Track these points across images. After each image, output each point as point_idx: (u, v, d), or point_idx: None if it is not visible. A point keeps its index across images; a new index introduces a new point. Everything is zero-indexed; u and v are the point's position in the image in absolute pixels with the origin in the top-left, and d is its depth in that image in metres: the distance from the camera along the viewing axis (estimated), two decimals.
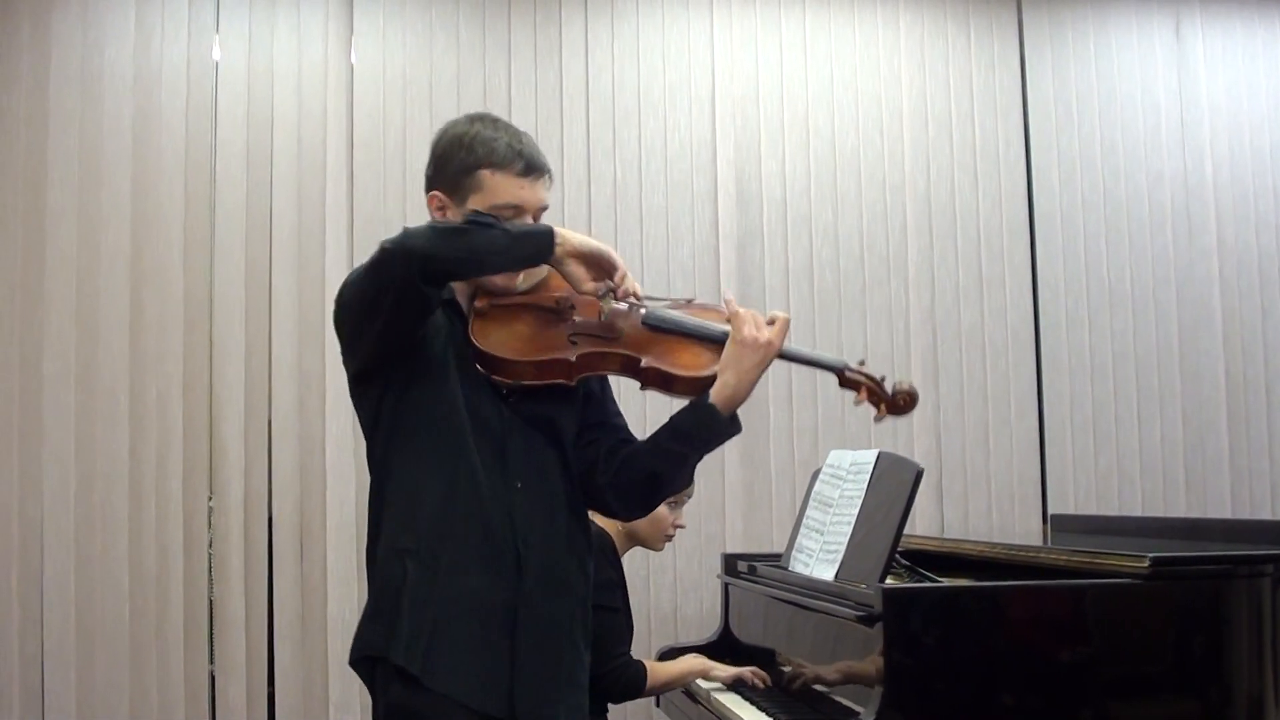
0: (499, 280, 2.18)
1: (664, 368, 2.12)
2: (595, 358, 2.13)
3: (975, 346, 4.82)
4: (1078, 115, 5.00)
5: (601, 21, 4.70)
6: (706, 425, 2.15)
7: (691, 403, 2.16)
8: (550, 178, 2.22)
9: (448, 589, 2.07)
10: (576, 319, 2.15)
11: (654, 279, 4.56)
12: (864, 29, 4.88)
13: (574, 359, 2.10)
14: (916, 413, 4.72)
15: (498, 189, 2.14)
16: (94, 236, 4.26)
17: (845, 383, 2.21)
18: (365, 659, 2.14)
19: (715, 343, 2.16)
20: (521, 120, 4.53)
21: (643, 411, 3.16)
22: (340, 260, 4.36)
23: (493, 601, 2.08)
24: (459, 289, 2.21)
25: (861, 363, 2.21)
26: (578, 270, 2.08)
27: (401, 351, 2.13)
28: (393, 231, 2.09)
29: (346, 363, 2.22)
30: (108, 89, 4.32)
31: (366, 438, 2.22)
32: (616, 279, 2.09)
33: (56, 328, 4.20)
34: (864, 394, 2.19)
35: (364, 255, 4.91)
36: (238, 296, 4.33)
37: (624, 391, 2.35)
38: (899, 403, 2.19)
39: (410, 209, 4.45)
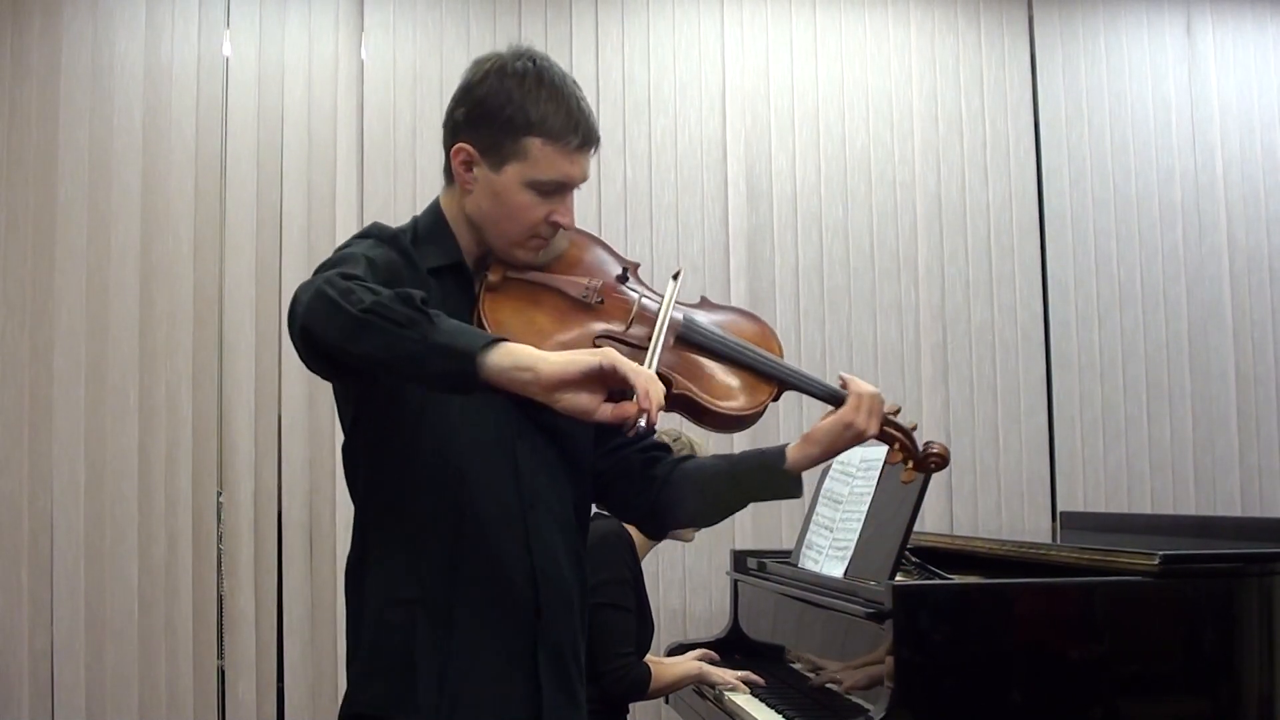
0: (520, 254, 1.90)
1: (696, 397, 1.85)
2: None
3: (985, 344, 4.82)
4: (1088, 113, 4.99)
5: (612, 18, 4.69)
6: (774, 486, 1.98)
7: (765, 461, 1.97)
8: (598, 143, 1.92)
9: (466, 638, 1.82)
10: (603, 319, 1.88)
11: (664, 275, 4.54)
12: (874, 26, 4.87)
13: None
14: (926, 410, 4.78)
15: (546, 162, 1.83)
16: (104, 232, 4.26)
17: (880, 436, 1.98)
18: (358, 717, 1.86)
19: (754, 372, 1.93)
20: None
21: None
22: None
23: (513, 638, 1.86)
24: (466, 250, 1.93)
25: (897, 411, 2.00)
26: (579, 400, 1.59)
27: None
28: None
29: None
30: (118, 85, 4.33)
31: (345, 433, 1.92)
32: (643, 403, 1.58)
33: (66, 323, 4.21)
34: (898, 450, 2.00)
35: None
36: (248, 292, 4.33)
37: None
38: (929, 463, 1.99)
39: (421, 205, 4.43)
